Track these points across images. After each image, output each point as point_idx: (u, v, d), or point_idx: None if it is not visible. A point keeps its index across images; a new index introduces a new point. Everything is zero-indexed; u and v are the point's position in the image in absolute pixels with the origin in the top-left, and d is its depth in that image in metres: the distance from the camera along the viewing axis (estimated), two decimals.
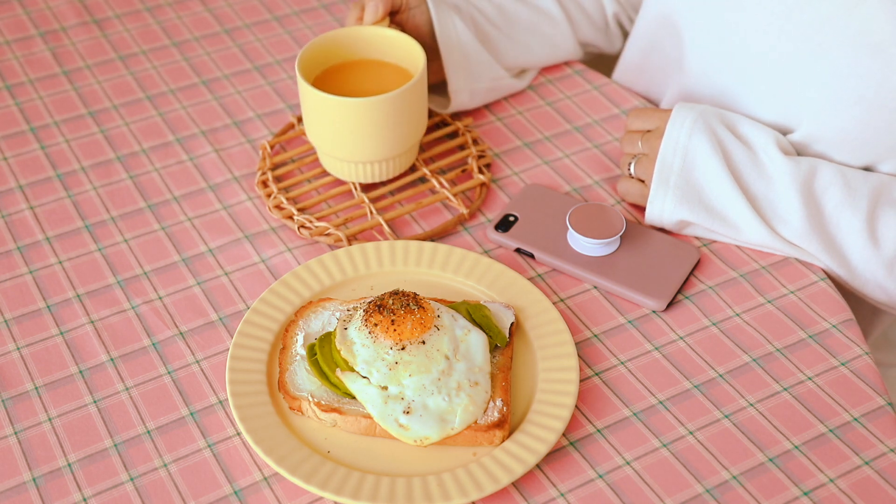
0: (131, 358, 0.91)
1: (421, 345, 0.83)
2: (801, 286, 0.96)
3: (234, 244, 1.01)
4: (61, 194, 1.06)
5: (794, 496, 0.81)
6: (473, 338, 0.85)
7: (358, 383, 0.83)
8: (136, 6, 1.32)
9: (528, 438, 0.82)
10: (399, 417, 0.81)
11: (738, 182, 0.95)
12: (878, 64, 0.90)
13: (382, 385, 0.82)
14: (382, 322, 0.83)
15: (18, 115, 1.16)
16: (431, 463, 0.82)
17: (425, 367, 0.82)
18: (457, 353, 0.84)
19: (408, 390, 0.82)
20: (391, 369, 0.82)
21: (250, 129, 1.14)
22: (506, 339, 0.87)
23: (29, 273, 0.98)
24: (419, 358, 0.82)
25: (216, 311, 0.95)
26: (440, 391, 0.82)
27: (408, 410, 0.81)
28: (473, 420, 0.82)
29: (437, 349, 0.83)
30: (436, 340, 0.83)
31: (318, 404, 0.83)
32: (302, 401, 0.84)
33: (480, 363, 0.84)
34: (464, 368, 0.83)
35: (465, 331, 0.86)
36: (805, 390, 0.88)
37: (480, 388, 0.83)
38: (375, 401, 0.82)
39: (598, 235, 0.96)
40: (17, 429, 0.86)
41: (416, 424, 0.81)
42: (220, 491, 0.81)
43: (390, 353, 0.82)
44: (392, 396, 0.82)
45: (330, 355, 0.85)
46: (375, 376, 0.82)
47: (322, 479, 0.80)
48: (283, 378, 0.86)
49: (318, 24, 1.29)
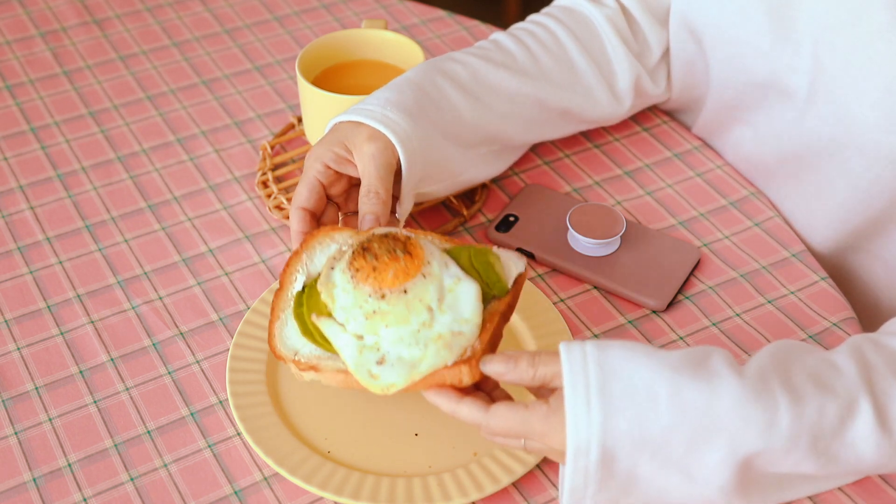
0: (131, 358, 0.91)
1: (402, 294, 0.76)
2: (801, 286, 0.96)
3: (234, 244, 1.01)
4: (61, 194, 1.06)
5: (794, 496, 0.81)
6: (463, 288, 0.78)
7: (334, 330, 0.77)
8: (136, 6, 1.32)
9: None
10: (372, 368, 0.75)
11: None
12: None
13: (358, 334, 0.76)
14: (364, 268, 0.77)
15: (19, 115, 1.16)
16: (431, 463, 0.82)
17: (404, 319, 0.76)
18: (442, 304, 0.77)
19: (384, 341, 0.76)
20: (368, 318, 0.76)
21: (250, 130, 1.14)
22: (505, 289, 0.80)
23: (29, 273, 0.98)
24: (398, 308, 0.76)
25: (216, 311, 0.95)
26: (418, 343, 0.75)
27: (381, 361, 0.76)
28: (443, 364, 0.75)
29: (420, 299, 0.76)
30: (419, 289, 0.76)
31: (295, 362, 0.78)
32: (286, 360, 0.79)
33: (468, 315, 0.77)
34: (448, 321, 0.76)
35: (456, 279, 0.78)
36: None
37: (462, 337, 0.76)
38: (350, 350, 0.76)
39: (598, 235, 0.96)
40: (17, 429, 0.86)
41: (386, 373, 0.75)
42: (220, 491, 0.81)
43: (369, 301, 0.76)
44: (367, 347, 0.76)
45: (317, 307, 0.79)
46: (352, 325, 0.76)
47: (322, 479, 0.80)
48: (273, 329, 0.80)
49: (318, 24, 1.29)
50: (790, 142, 1.00)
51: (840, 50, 0.91)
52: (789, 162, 1.01)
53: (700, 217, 1.03)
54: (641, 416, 0.71)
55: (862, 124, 0.91)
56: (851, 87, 0.91)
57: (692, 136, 1.12)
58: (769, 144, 1.03)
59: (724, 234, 1.01)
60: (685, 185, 1.06)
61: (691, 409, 0.71)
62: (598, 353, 0.73)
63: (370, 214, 0.85)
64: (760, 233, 1.01)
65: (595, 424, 0.71)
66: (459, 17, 1.31)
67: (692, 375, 0.72)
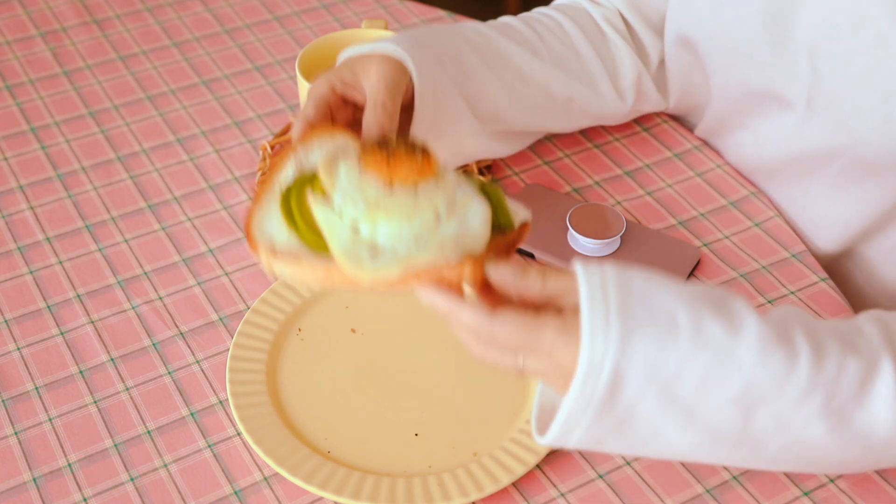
0: (131, 358, 0.91)
1: (412, 192, 0.71)
2: (801, 286, 0.96)
3: (234, 244, 1.01)
4: (61, 194, 1.06)
5: (795, 496, 0.81)
6: (475, 206, 0.73)
7: (327, 214, 0.71)
8: (136, 6, 1.32)
9: (528, 438, 0.82)
10: (363, 258, 0.69)
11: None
12: None
13: (355, 223, 0.70)
14: (378, 159, 0.72)
15: (19, 115, 1.16)
16: (431, 463, 0.82)
17: (408, 216, 0.70)
18: (450, 213, 0.72)
19: (381, 235, 0.70)
20: (369, 208, 0.70)
21: (250, 130, 1.14)
22: (512, 223, 0.75)
23: (29, 273, 0.98)
24: (405, 204, 0.70)
25: (216, 311, 0.95)
26: (418, 243, 0.69)
27: (375, 253, 0.69)
28: (444, 262, 0.68)
29: (429, 201, 0.71)
30: (431, 192, 0.71)
31: (271, 252, 0.71)
32: (260, 247, 0.71)
33: (475, 230, 0.72)
34: (453, 230, 0.71)
35: (468, 197, 0.73)
36: None
37: (467, 245, 0.71)
38: (342, 237, 0.70)
39: (598, 235, 0.96)
40: (17, 429, 0.86)
41: (378, 265, 0.69)
42: (220, 491, 0.81)
43: (375, 190, 0.71)
44: (363, 239, 0.70)
45: (307, 203, 0.73)
46: (350, 210, 0.71)
47: (322, 479, 0.80)
48: (253, 214, 0.73)
49: (318, 24, 1.29)
50: (790, 148, 1.00)
51: (839, 58, 0.91)
52: (790, 166, 1.01)
53: (700, 217, 1.03)
54: (660, 342, 0.66)
55: (861, 132, 0.91)
56: (850, 95, 0.91)
57: (692, 136, 1.12)
58: (770, 149, 1.03)
59: (724, 234, 1.01)
60: (685, 185, 1.06)
61: (711, 342, 0.67)
62: (618, 274, 0.69)
63: (375, 127, 0.80)
64: (760, 233, 1.01)
65: (613, 342, 0.66)
66: (459, 17, 1.31)
67: (713, 309, 0.68)
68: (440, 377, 0.88)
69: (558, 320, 0.68)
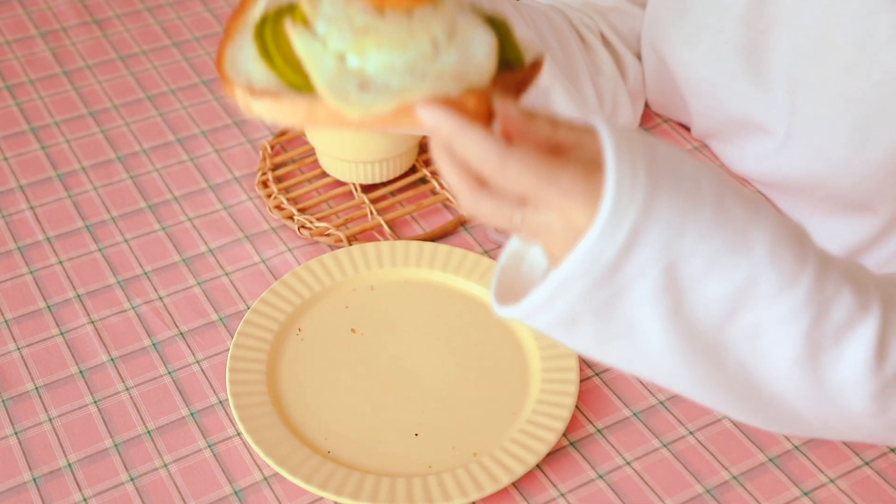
0: (131, 358, 0.91)
1: (406, 17, 0.63)
2: None
3: (234, 244, 1.01)
4: (61, 194, 1.06)
5: (795, 496, 0.81)
6: (479, 34, 0.64)
7: (309, 43, 0.62)
8: (136, 6, 1.32)
9: (528, 438, 0.82)
10: (350, 90, 0.61)
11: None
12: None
13: (340, 52, 0.62)
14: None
15: (19, 115, 1.16)
16: (431, 463, 0.82)
17: (401, 44, 0.61)
18: (450, 42, 0.63)
19: (371, 66, 0.62)
20: (357, 35, 0.62)
21: (250, 130, 1.14)
22: (522, 59, 0.65)
23: (29, 273, 0.98)
24: (397, 31, 0.62)
25: (216, 311, 0.95)
26: (413, 75, 0.61)
27: (363, 86, 0.61)
28: (443, 94, 0.60)
29: (426, 28, 0.62)
30: (427, 18, 0.63)
31: (249, 90, 0.63)
32: (235, 86, 0.64)
33: (479, 61, 0.63)
34: (453, 61, 0.62)
35: (471, 25, 0.64)
36: None
37: (469, 78, 0.62)
38: (326, 68, 0.62)
39: None
40: (17, 429, 0.86)
41: (367, 98, 0.61)
42: (220, 491, 0.81)
43: (363, 15, 0.63)
44: (350, 69, 0.62)
45: (284, 36, 0.64)
46: (335, 39, 0.62)
47: (322, 479, 0.80)
48: (224, 49, 0.65)
49: None
50: (773, 174, 0.99)
51: (812, 87, 0.89)
52: (773, 187, 1.01)
53: None
54: (684, 210, 0.58)
55: (837, 162, 0.90)
56: (825, 123, 0.89)
57: (692, 137, 1.12)
58: (754, 169, 1.02)
59: None
60: None
61: (731, 221, 0.59)
62: (641, 133, 0.61)
63: None
64: None
65: (639, 197, 0.57)
66: None
67: (735, 190, 0.61)
68: (440, 377, 0.88)
69: (580, 167, 0.59)
